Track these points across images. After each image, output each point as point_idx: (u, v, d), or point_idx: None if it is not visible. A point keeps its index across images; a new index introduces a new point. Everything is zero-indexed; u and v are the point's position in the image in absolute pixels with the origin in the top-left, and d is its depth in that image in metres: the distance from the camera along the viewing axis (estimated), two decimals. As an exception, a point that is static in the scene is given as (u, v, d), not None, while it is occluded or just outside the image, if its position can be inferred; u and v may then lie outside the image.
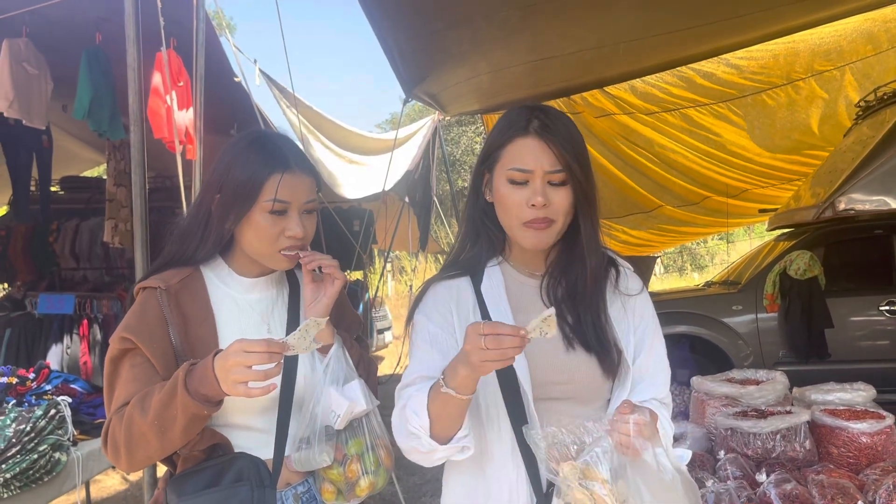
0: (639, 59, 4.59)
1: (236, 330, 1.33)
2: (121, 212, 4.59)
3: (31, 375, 3.05)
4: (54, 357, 4.55)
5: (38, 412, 2.58)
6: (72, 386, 3.12)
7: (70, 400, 2.84)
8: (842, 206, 4.45)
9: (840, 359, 5.36)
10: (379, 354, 10.13)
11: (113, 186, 4.65)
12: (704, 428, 2.44)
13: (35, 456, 2.48)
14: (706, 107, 5.94)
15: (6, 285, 6.32)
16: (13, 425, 2.49)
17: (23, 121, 3.52)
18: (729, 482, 1.94)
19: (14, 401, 2.77)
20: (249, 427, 1.34)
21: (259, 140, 1.35)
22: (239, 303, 1.38)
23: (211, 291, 1.36)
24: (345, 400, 1.31)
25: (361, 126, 8.59)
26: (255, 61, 4.30)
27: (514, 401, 1.23)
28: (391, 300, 15.33)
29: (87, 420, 2.95)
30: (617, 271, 1.35)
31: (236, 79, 3.98)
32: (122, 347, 1.27)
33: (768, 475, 1.97)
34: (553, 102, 5.17)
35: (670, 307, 5.81)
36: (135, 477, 4.80)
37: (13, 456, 2.43)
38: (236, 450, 1.32)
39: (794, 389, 2.63)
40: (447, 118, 6.16)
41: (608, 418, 1.10)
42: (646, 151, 6.43)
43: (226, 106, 4.26)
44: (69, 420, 2.71)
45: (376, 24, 3.53)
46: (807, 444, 2.20)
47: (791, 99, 5.90)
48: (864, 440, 2.13)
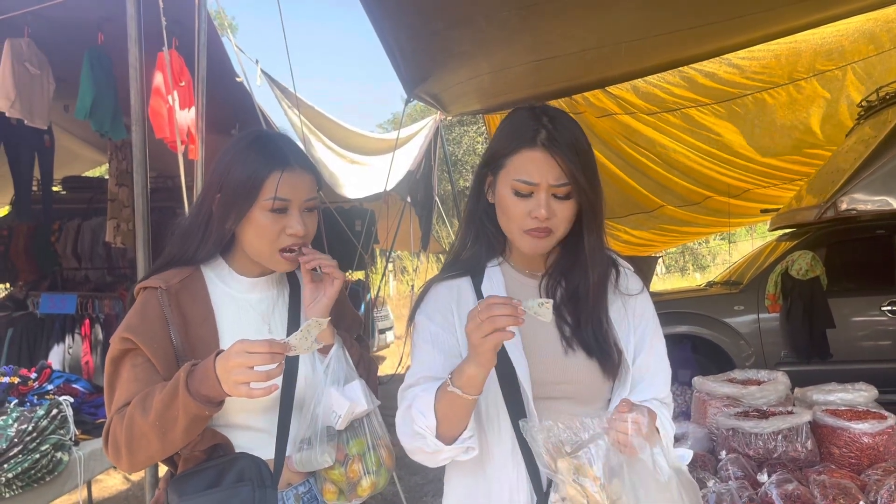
0: (640, 59, 4.59)
1: (237, 330, 1.33)
2: (123, 212, 4.59)
3: (33, 375, 3.05)
4: (56, 357, 4.54)
5: (40, 412, 2.59)
6: (73, 386, 3.12)
7: (72, 400, 2.85)
8: (844, 207, 4.44)
9: (842, 359, 5.34)
10: (380, 354, 10.14)
11: (115, 186, 4.65)
12: (706, 428, 2.44)
13: (37, 455, 2.49)
14: (708, 107, 5.93)
15: (8, 285, 6.32)
16: (15, 425, 2.49)
17: (25, 121, 3.52)
18: (730, 482, 1.94)
19: (16, 400, 2.78)
20: (250, 427, 1.34)
21: (259, 139, 1.35)
22: (239, 303, 1.38)
23: (211, 291, 1.36)
24: (346, 400, 1.31)
25: (363, 126, 8.59)
26: (257, 61, 4.32)
27: (515, 400, 1.23)
28: (393, 300, 15.34)
29: (89, 420, 2.96)
30: (617, 271, 1.35)
31: (238, 79, 3.99)
32: (123, 347, 1.27)
33: (770, 475, 1.97)
34: (555, 102, 5.17)
35: (672, 307, 5.80)
36: (136, 477, 4.80)
37: (15, 455, 2.44)
38: (237, 450, 1.32)
39: (796, 390, 2.63)
40: (449, 118, 6.16)
41: (606, 416, 1.10)
42: (647, 151, 6.43)
43: (227, 106, 4.26)
44: (71, 420, 2.72)
45: (378, 25, 3.53)
46: (808, 445, 2.20)
47: (792, 98, 5.89)
48: (866, 440, 2.13)
